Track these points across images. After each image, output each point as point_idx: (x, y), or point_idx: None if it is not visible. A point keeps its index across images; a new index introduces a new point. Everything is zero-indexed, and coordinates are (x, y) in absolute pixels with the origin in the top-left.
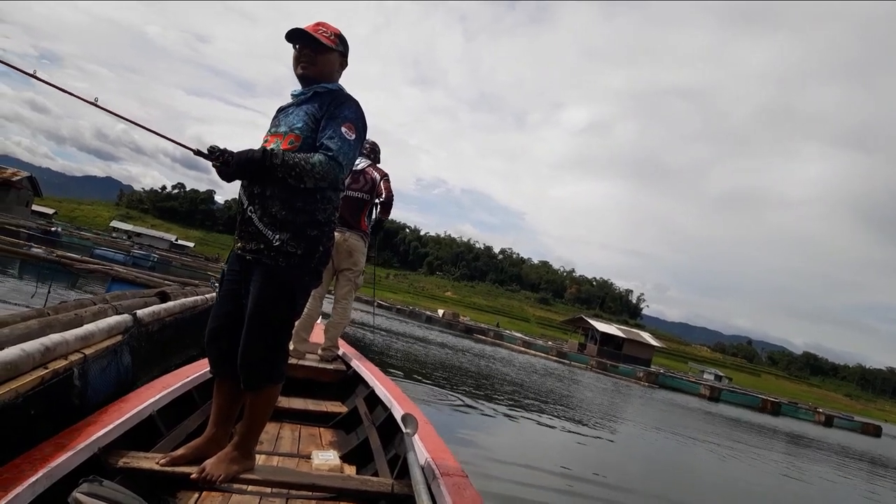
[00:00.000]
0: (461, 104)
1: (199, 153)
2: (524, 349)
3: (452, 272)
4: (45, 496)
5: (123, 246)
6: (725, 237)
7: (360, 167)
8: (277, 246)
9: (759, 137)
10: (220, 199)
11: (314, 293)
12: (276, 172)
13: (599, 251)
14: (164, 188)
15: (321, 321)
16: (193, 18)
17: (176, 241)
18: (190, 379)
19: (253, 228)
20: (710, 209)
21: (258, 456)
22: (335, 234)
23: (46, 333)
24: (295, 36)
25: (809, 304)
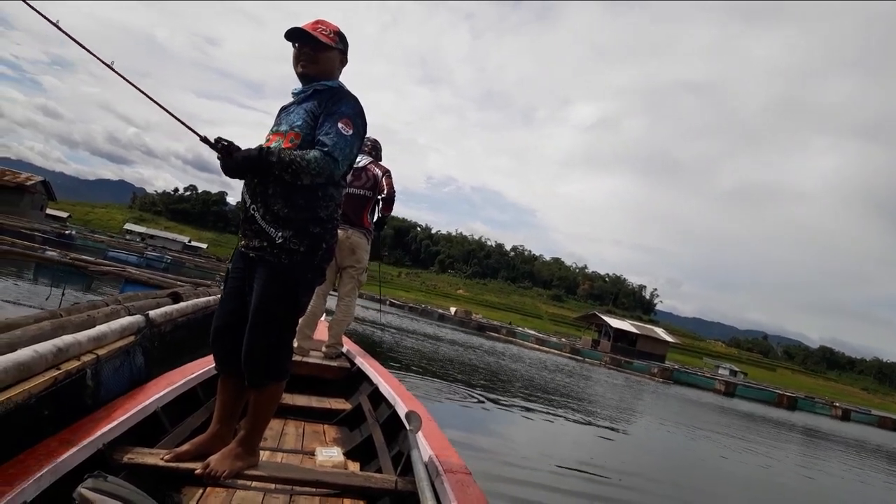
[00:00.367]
0: (469, 102)
1: (204, 140)
2: (537, 346)
3: (464, 270)
4: (50, 491)
5: (137, 248)
6: (738, 231)
7: (361, 164)
8: (280, 243)
9: (770, 131)
10: (231, 200)
11: (318, 290)
12: (272, 170)
13: (611, 247)
14: (176, 190)
15: (325, 318)
16: (201, 21)
17: (189, 242)
18: (194, 376)
19: (256, 226)
20: (722, 203)
21: (262, 452)
22: (338, 231)
23: (59, 335)
24: (294, 35)
25: (825, 297)
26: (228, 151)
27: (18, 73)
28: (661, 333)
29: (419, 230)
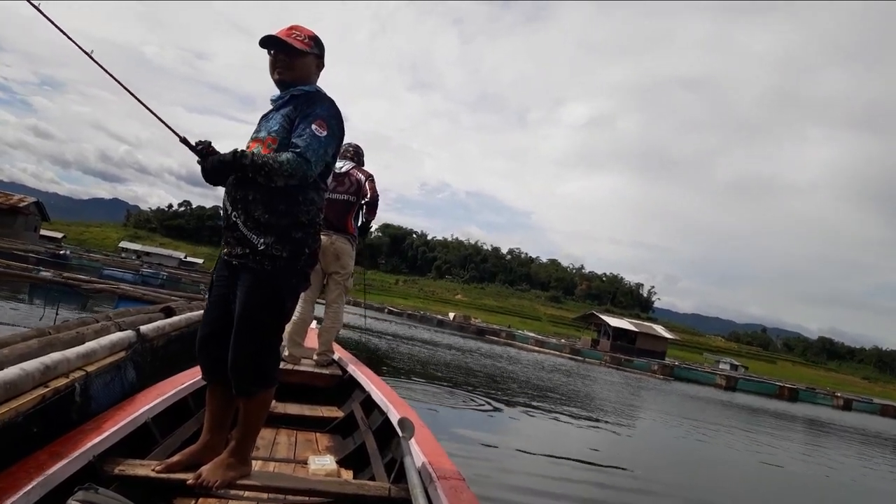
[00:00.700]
0: (461, 106)
1: (184, 141)
2: (537, 348)
3: (461, 275)
4: None
5: (132, 265)
6: (735, 225)
7: (344, 169)
8: (262, 250)
9: (765, 123)
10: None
11: (305, 297)
12: (247, 172)
13: (608, 246)
14: (170, 206)
15: (314, 325)
16: (190, 37)
17: (185, 258)
18: (185, 386)
19: (238, 233)
20: (718, 198)
21: (254, 462)
22: (322, 237)
23: (47, 352)
24: (268, 42)
25: (823, 288)
26: (205, 154)
27: (9, 94)
28: (660, 331)
29: (415, 237)
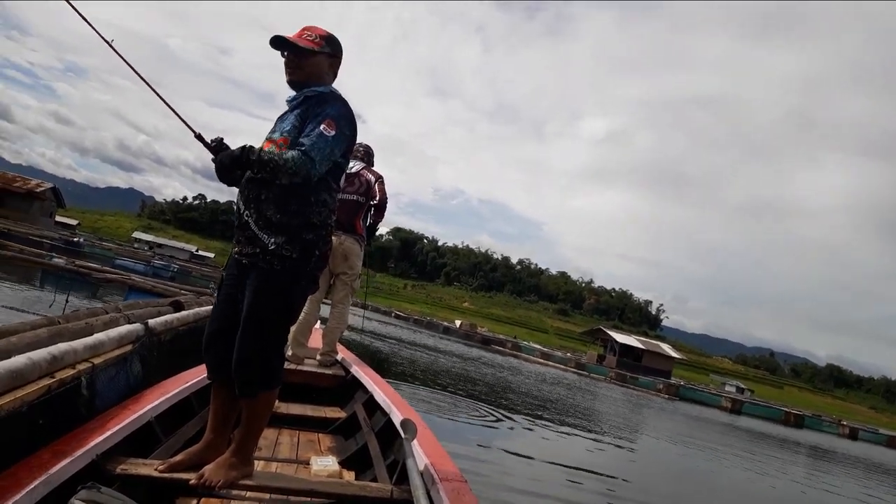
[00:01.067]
0: (479, 115)
1: (199, 137)
2: (542, 361)
3: (470, 283)
4: (43, 503)
5: (144, 256)
6: (747, 247)
7: (354, 170)
8: (273, 249)
9: (781, 147)
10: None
11: (311, 297)
12: (253, 168)
13: (619, 262)
14: (185, 199)
15: (319, 326)
16: (214, 31)
17: (196, 251)
18: (188, 385)
19: (249, 232)
20: (731, 219)
21: (257, 462)
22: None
23: (55, 342)
24: (278, 43)
25: (833, 315)
26: (217, 150)
27: (32, 79)
28: (667, 349)
29: (426, 242)
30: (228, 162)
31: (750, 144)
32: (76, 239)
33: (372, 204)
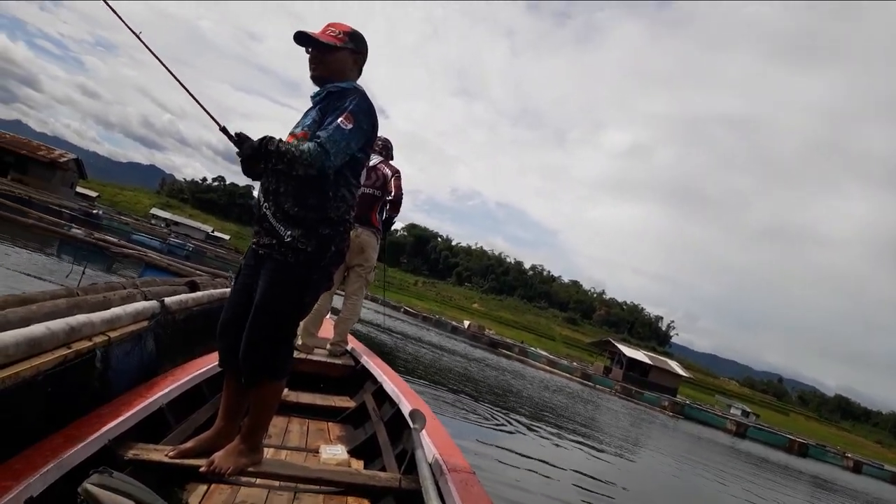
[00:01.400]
0: (502, 118)
1: (224, 130)
2: (548, 368)
3: (481, 284)
4: (55, 486)
5: (160, 233)
6: (762, 270)
7: (371, 163)
8: (288, 242)
9: (804, 172)
10: (256, 191)
11: None
12: (272, 158)
13: (632, 275)
14: (204, 180)
15: (330, 316)
16: (245, 17)
17: (212, 232)
18: (199, 372)
19: (267, 224)
20: (748, 240)
21: (266, 449)
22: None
23: (73, 313)
24: (299, 39)
25: (845, 345)
26: (241, 143)
27: (63, 50)
28: (674, 367)
29: (440, 240)
30: (250, 152)
31: (772, 168)
32: (95, 211)
33: (388, 199)
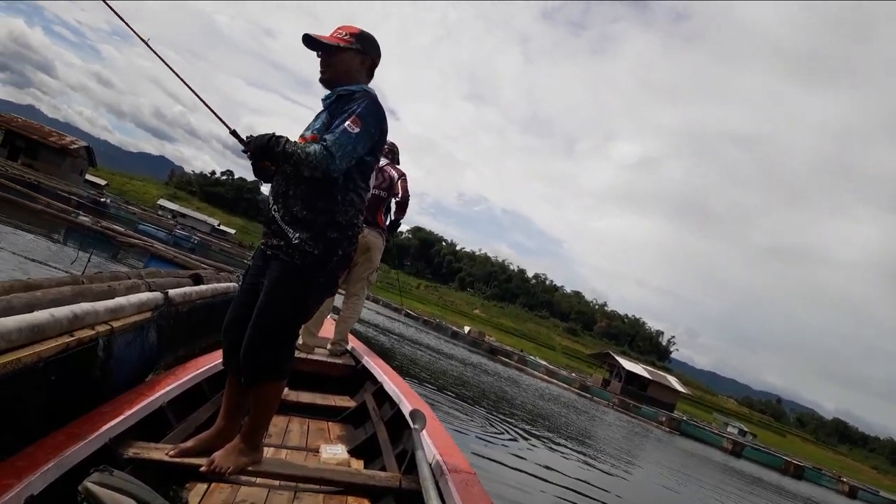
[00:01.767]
0: (512, 124)
1: (234, 133)
2: (546, 377)
3: (483, 290)
4: (56, 485)
5: (167, 224)
6: (766, 289)
7: (379, 164)
8: (296, 244)
9: (812, 192)
10: (265, 190)
11: None
12: (279, 158)
13: (634, 288)
14: (213, 173)
15: (331, 316)
16: (261, 13)
17: (218, 225)
18: (200, 371)
19: (276, 227)
20: (752, 258)
21: (266, 449)
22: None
23: (77, 301)
24: (307, 42)
25: (846, 368)
26: (249, 143)
27: (79, 38)
28: (673, 382)
29: (444, 245)
30: (258, 146)
31: (780, 186)
32: (103, 199)
33: (394, 201)
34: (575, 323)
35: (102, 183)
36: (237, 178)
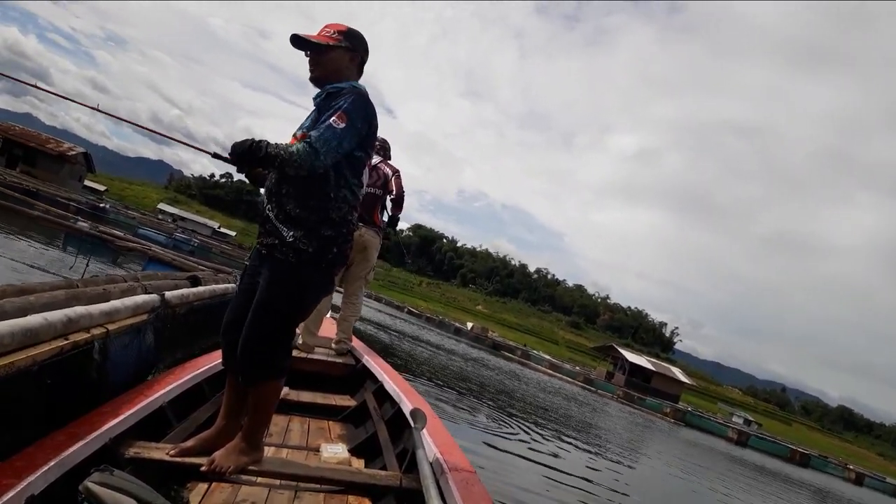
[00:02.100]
0: (510, 120)
1: (216, 156)
2: (550, 371)
3: (485, 286)
4: (56, 485)
5: (167, 228)
6: (768, 279)
7: (372, 163)
8: (290, 242)
9: (813, 182)
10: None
11: None
12: (264, 163)
13: (636, 280)
14: (212, 176)
15: (330, 315)
16: (255, 14)
17: (218, 228)
18: (200, 371)
19: (270, 225)
20: (755, 249)
21: (267, 448)
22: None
23: (72, 305)
24: (295, 42)
25: (850, 356)
26: (232, 152)
27: (74, 44)
28: (677, 373)
29: (445, 242)
30: (240, 156)
31: (781, 176)
32: (103, 205)
33: (390, 198)
34: (578, 316)
35: (101, 188)
36: (236, 180)
